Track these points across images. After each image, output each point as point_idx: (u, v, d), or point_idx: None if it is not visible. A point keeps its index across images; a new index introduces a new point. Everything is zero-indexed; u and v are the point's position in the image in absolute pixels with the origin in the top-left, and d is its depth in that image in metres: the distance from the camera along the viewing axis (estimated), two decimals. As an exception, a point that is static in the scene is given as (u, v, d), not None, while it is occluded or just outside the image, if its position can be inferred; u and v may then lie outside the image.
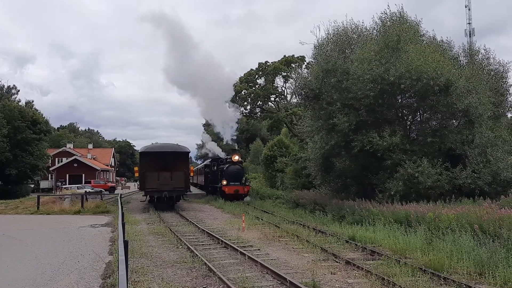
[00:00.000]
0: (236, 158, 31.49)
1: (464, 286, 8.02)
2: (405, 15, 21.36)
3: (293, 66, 44.11)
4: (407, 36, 19.91)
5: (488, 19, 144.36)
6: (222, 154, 37.41)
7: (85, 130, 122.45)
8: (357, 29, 23.13)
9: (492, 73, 23.08)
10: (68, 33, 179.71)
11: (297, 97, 27.41)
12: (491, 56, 23.62)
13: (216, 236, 14.68)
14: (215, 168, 35.22)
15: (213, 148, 42.44)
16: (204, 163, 44.67)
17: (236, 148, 36.28)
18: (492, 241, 10.32)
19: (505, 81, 23.40)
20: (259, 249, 12.58)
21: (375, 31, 22.34)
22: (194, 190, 41.14)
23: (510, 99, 23.74)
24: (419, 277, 8.98)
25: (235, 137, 36.64)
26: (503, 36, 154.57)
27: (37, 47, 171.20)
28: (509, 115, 26.60)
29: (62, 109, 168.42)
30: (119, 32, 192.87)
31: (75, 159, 57.24)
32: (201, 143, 78.29)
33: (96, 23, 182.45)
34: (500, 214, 11.75)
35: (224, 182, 30.25)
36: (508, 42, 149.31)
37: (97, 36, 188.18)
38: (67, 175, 55.10)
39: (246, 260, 11.07)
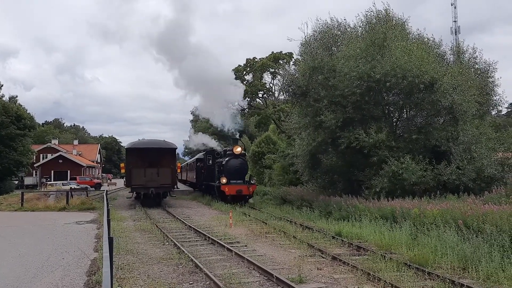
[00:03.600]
0: (238, 150, 25.85)
1: (448, 280, 8.12)
2: (391, 13, 21.52)
3: (281, 62, 44.17)
4: (393, 34, 20.05)
5: (473, 17, 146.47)
6: (218, 147, 32.70)
7: (71, 126, 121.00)
8: (341, 26, 23.25)
9: (478, 71, 23.39)
10: (52, 27, 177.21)
11: (284, 94, 27.43)
12: (478, 55, 23.96)
13: (203, 232, 14.65)
14: (210, 162, 30.10)
15: (207, 141, 37.55)
16: (196, 156, 38.75)
17: (238, 137, 29.86)
18: (476, 236, 10.48)
19: (491, 80, 23.73)
20: (246, 245, 12.59)
21: (360, 28, 22.46)
22: (182, 187, 40.92)
23: (495, 97, 24.09)
24: (404, 272, 9.09)
25: (238, 125, 30.04)
26: (487, 35, 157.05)
27: (20, 41, 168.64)
28: (493, 112, 27.03)
29: (46, 105, 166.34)
30: (104, 26, 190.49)
31: (60, 155, 56.51)
32: (188, 139, 77.70)
33: (80, 16, 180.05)
34: (484, 210, 11.93)
35: (224, 180, 24.72)
36: (492, 40, 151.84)
37: (82, 30, 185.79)
38: (52, 172, 54.34)
39: (233, 256, 11.06)
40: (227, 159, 26.01)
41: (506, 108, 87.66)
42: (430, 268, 9.20)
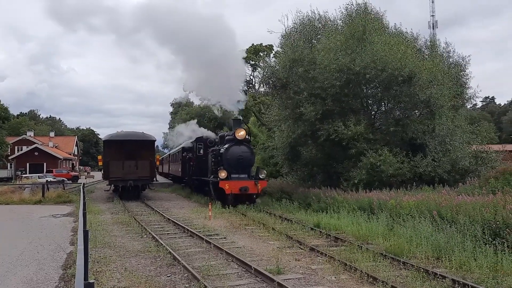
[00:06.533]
0: (241, 133, 19.99)
1: (422, 270, 8.30)
2: (369, 6, 21.72)
3: (261, 54, 44.04)
4: (373, 27, 20.23)
5: (450, 11, 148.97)
6: (210, 134, 28.12)
7: (46, 117, 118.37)
8: (322, 19, 23.36)
9: (452, 65, 23.85)
10: (24, 15, 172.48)
11: (265, 86, 27.40)
12: (452, 49, 24.46)
13: (181, 225, 14.57)
14: (201, 151, 25.15)
15: (197, 130, 33.22)
16: (182, 145, 32.83)
17: (241, 118, 23.35)
18: (449, 226, 10.72)
19: (465, 74, 24.24)
20: (225, 238, 12.58)
21: (340, 21, 22.61)
22: (162, 179, 40.58)
23: (469, 91, 24.64)
24: (380, 262, 9.24)
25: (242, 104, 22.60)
26: (465, 28, 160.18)
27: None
28: (468, 106, 27.64)
29: (20, 96, 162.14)
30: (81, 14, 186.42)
31: (36, 147, 55.30)
32: (168, 131, 76.85)
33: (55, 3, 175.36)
34: (457, 201, 12.21)
35: (223, 175, 19.18)
36: (469, 34, 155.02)
37: (57, 19, 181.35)
38: (28, 164, 53.19)
39: (212, 248, 11.04)
40: (226, 146, 20.32)
41: (481, 101, 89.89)
42: (405, 258, 9.39)
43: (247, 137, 20.47)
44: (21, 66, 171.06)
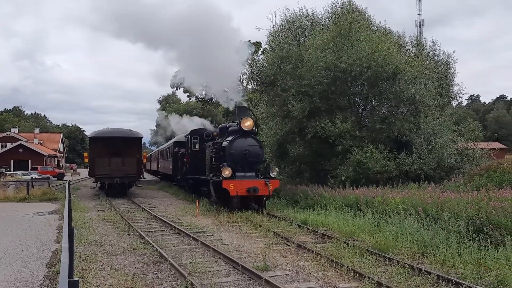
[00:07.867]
0: (248, 123, 17.08)
1: (407, 266, 8.39)
2: (354, 3, 21.89)
3: (250, 51, 43.93)
4: (358, 24, 20.36)
5: (435, 11, 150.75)
6: (208, 126, 25.23)
7: (31, 114, 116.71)
8: (309, 16, 23.46)
9: (438, 63, 24.14)
10: (8, 9, 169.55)
11: (252, 83, 27.41)
12: (438, 48, 24.76)
13: (169, 222, 14.50)
14: (197, 146, 22.17)
15: (186, 124, 30.73)
16: (173, 139, 30.14)
17: (247, 106, 21.01)
18: (434, 223, 10.84)
19: (450, 71, 24.55)
20: (212, 235, 12.56)
21: (326, 19, 22.72)
22: (149, 177, 40.31)
23: (454, 89, 24.97)
24: (366, 258, 9.30)
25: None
26: (449, 27, 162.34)
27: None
28: (453, 104, 28.01)
29: (4, 92, 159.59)
30: (65, 9, 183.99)
31: (20, 144, 54.53)
32: (155, 128, 76.31)
33: None
34: (442, 198, 12.37)
35: (227, 172, 16.32)
36: (453, 33, 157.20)
37: (41, 13, 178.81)
38: (12, 161, 52.42)
39: (199, 245, 11.01)
40: (230, 138, 17.39)
41: (467, 99, 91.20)
42: (391, 254, 9.46)
43: (254, 128, 17.64)
44: (5, 62, 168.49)
